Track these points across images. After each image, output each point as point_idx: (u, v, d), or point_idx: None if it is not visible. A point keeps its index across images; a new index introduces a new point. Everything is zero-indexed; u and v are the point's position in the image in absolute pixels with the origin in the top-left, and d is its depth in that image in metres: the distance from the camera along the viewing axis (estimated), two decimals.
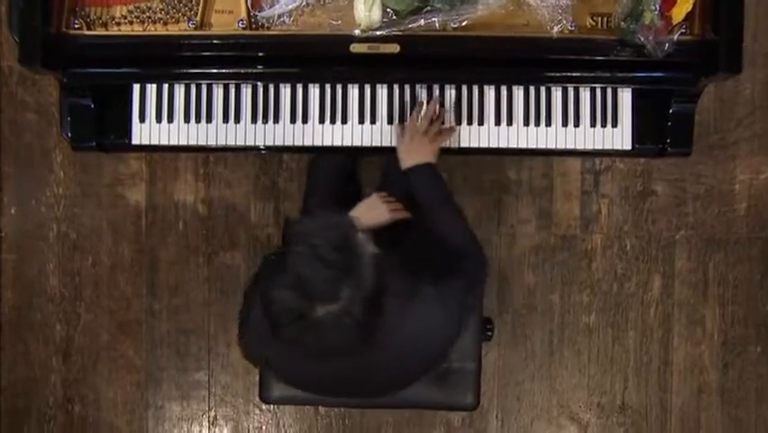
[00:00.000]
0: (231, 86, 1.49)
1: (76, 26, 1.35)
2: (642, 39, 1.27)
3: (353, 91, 1.51)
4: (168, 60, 1.38)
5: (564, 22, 1.32)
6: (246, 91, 1.50)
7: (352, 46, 1.33)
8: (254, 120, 1.50)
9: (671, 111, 1.44)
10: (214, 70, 1.40)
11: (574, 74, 1.44)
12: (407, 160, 1.39)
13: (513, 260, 2.05)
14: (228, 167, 2.03)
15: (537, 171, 2.06)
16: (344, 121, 1.51)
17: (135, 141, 1.48)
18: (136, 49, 1.36)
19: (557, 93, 1.52)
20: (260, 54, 1.39)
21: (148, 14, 1.35)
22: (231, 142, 1.50)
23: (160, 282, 2.01)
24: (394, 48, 1.34)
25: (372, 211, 1.39)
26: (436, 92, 1.51)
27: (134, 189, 2.02)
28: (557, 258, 2.05)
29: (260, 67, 1.41)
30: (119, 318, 2.02)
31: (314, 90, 1.50)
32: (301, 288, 0.96)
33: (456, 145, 1.54)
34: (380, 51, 1.34)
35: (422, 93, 1.51)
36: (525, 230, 2.05)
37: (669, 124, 1.45)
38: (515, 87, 1.51)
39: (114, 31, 1.35)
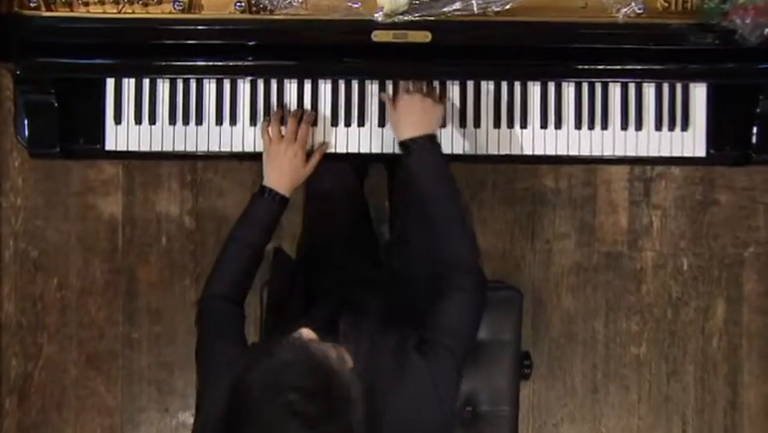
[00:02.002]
0: (225, 81, 1.39)
1: (32, 5, 1.25)
2: (735, 22, 1.15)
3: (372, 88, 1.40)
4: (149, 50, 1.29)
5: (632, 3, 1.19)
6: (243, 88, 1.40)
7: (373, 34, 1.25)
8: (253, 122, 1.40)
9: (758, 110, 1.32)
10: (206, 63, 1.31)
11: (639, 67, 1.33)
12: (405, 128, 1.26)
13: (549, 281, 1.99)
14: (219, 173, 1.96)
15: (578, 179, 2.00)
16: (361, 123, 1.41)
17: (109, 146, 1.40)
18: (109, 35, 1.27)
19: (615, 90, 1.41)
20: (262, 43, 1.29)
21: None
22: (225, 148, 1.40)
23: (139, 308, 1.96)
24: (424, 36, 1.25)
25: (277, 161, 1.28)
26: (470, 89, 1.41)
27: (109, 199, 1.98)
28: (601, 279, 1.99)
29: (260, 59, 1.32)
30: (89, 350, 1.97)
31: (325, 87, 1.40)
32: None
33: (496, 151, 1.43)
34: (408, 41, 1.25)
35: (453, 90, 1.41)
36: (563, 246, 2.00)
37: (755, 126, 1.34)
38: (564, 84, 1.41)
39: (80, 12, 1.26)
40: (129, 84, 1.39)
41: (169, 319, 1.96)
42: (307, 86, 1.40)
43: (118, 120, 1.40)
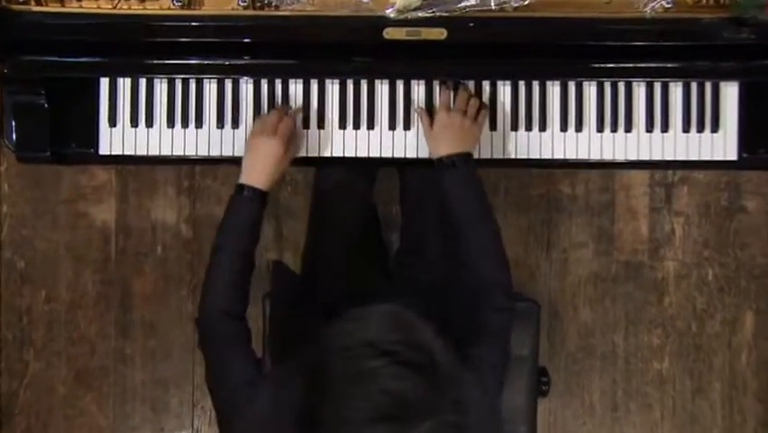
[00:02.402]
0: (227, 81, 1.36)
1: None
2: None
3: (382, 88, 1.38)
4: (146, 48, 1.27)
5: None
6: (246, 88, 1.37)
7: (385, 31, 1.23)
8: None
9: None
10: (207, 62, 1.30)
11: (667, 65, 1.31)
12: (442, 145, 1.28)
13: (566, 292, 1.97)
14: (218, 179, 1.93)
15: (595, 184, 1.98)
16: (371, 126, 1.39)
17: (103, 150, 1.37)
18: (103, 32, 1.24)
19: (640, 90, 1.38)
20: (266, 41, 1.27)
21: None
22: (227, 153, 1.38)
23: (132, 321, 1.93)
24: (439, 33, 1.23)
25: (256, 153, 1.26)
26: (486, 90, 1.39)
27: (101, 206, 1.96)
28: (620, 290, 1.97)
29: (264, 57, 1.30)
30: (79, 367, 1.94)
31: (332, 88, 1.37)
32: (396, 413, 0.82)
33: (513, 155, 1.41)
34: (422, 38, 1.23)
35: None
36: (580, 256, 1.97)
37: None
38: (586, 84, 1.38)
39: (72, 7, 1.23)
40: (124, 84, 1.37)
41: (164, 333, 1.94)
42: (314, 86, 1.37)
43: (113, 122, 1.37)
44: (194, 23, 1.24)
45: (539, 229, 1.97)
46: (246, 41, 1.26)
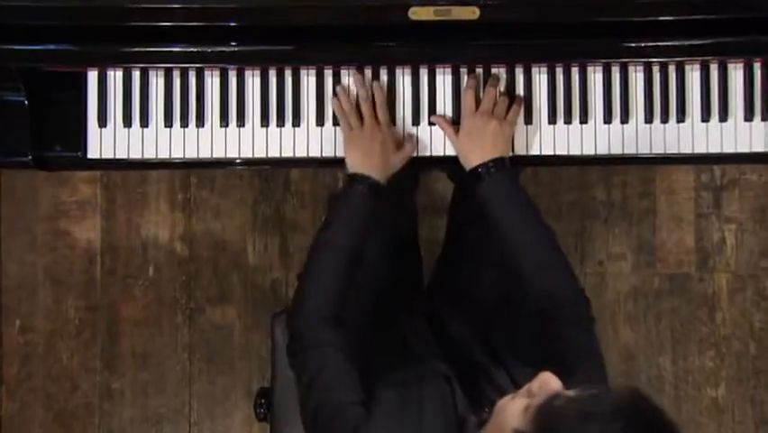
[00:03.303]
0: (231, 72, 1.34)
1: None
2: None
3: (404, 79, 1.35)
4: (138, 34, 1.25)
5: None
6: (253, 81, 1.34)
7: (411, 11, 1.20)
8: (265, 122, 1.35)
9: None
10: (208, 49, 1.27)
11: (727, 39, 1.27)
12: (472, 155, 1.27)
13: (604, 309, 1.95)
14: (216, 190, 1.93)
15: (633, 189, 1.97)
16: (393, 121, 1.34)
17: (92, 153, 1.35)
18: (89, 16, 1.22)
19: (693, 73, 1.35)
20: (275, 25, 1.25)
21: None
22: (232, 154, 1.35)
23: (121, 352, 1.94)
24: (471, 12, 1.20)
25: (364, 145, 1.27)
26: (520, 78, 1.35)
27: (85, 224, 1.95)
28: (665, 306, 1.95)
29: (273, 43, 1.28)
30: (59, 406, 1.93)
31: (349, 78, 1.34)
32: None
33: (551, 152, 1.37)
34: (452, 18, 1.21)
35: (500, 82, 1.35)
36: (619, 269, 1.96)
37: None
38: (631, 68, 1.35)
39: None
40: (115, 78, 1.33)
41: (157, 364, 1.92)
42: (328, 78, 1.34)
43: (102, 122, 1.34)
44: (193, 6, 1.21)
45: (572, 240, 1.95)
46: (252, 24, 1.23)
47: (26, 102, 1.30)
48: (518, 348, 1.17)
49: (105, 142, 1.34)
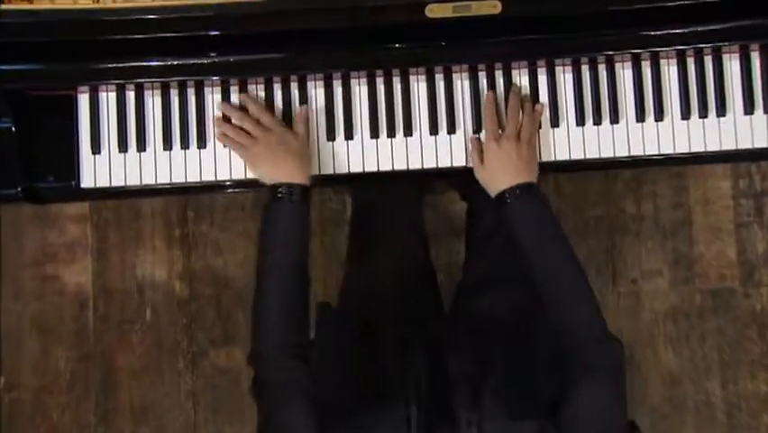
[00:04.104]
0: (232, 88, 1.34)
1: None
2: None
3: (419, 87, 1.35)
4: (133, 49, 1.26)
5: None
6: (257, 95, 1.34)
7: (428, 8, 1.21)
8: None
9: None
10: (205, 60, 1.28)
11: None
12: (499, 180, 1.27)
13: (641, 331, 1.95)
14: (215, 224, 1.94)
15: (665, 200, 1.98)
16: (408, 132, 1.35)
17: (87, 183, 1.35)
18: (79, 29, 1.23)
19: (731, 63, 1.34)
20: (277, 30, 1.25)
21: None
22: (237, 175, 1.35)
23: (118, 405, 1.93)
24: (492, 7, 1.21)
25: (266, 155, 1.28)
26: (544, 79, 1.36)
27: (74, 267, 1.95)
28: (709, 325, 1.94)
29: (275, 51, 1.28)
30: None
31: (359, 88, 1.35)
32: None
33: (581, 156, 1.36)
34: (472, 14, 1.22)
35: (521, 79, 1.36)
36: (655, 286, 1.96)
37: None
38: (663, 61, 1.35)
39: (41, 4, 1.22)
40: (108, 100, 1.34)
41: (158, 417, 1.91)
42: (338, 89, 1.34)
43: (96, 148, 1.34)
44: (191, 16, 1.22)
45: (602, 258, 1.95)
46: (257, 31, 1.24)
47: (14, 128, 1.30)
48: (514, 398, 1.15)
49: (99, 169, 1.34)
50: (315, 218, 1.92)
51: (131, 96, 1.33)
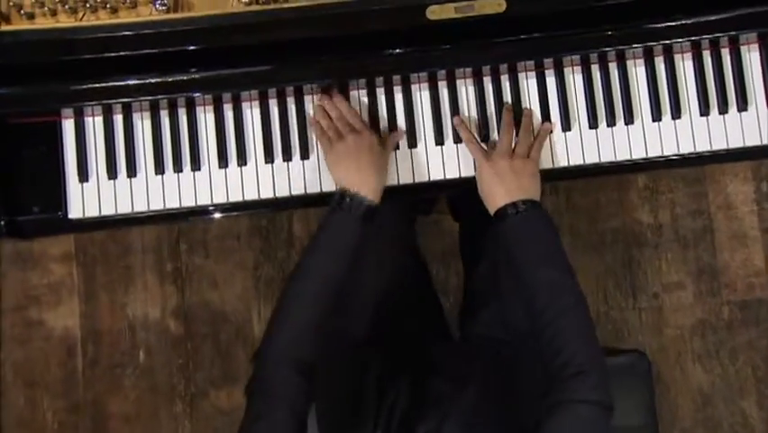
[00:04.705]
0: (226, 106, 1.35)
1: None
2: None
3: (421, 95, 1.36)
4: (121, 69, 1.26)
5: None
6: (252, 112, 1.36)
7: (429, 10, 1.23)
8: (269, 158, 1.35)
9: None
10: (196, 75, 1.28)
11: None
12: (497, 196, 1.27)
13: (667, 350, 1.94)
14: (210, 256, 1.93)
15: (684, 208, 1.98)
16: (413, 144, 1.36)
17: (75, 213, 1.35)
18: (64, 49, 1.23)
19: (750, 54, 1.35)
20: (276, 41, 1.26)
21: None
22: (235, 197, 1.35)
23: None
24: (497, 5, 1.23)
25: (351, 155, 1.28)
26: (552, 80, 1.36)
27: (60, 310, 1.94)
28: (739, 339, 1.94)
29: (270, 62, 1.28)
30: None
31: (359, 95, 1.35)
32: None
33: (596, 160, 1.37)
34: (475, 14, 1.23)
35: (529, 87, 1.37)
36: (678, 300, 1.95)
37: None
38: (678, 55, 1.36)
39: (23, 25, 1.24)
40: (95, 125, 1.35)
41: None
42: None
43: (84, 176, 1.35)
44: (185, 28, 1.23)
45: (619, 272, 1.95)
46: (250, 43, 1.25)
47: None
48: (482, 423, 1.16)
49: (88, 198, 1.34)
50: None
51: (118, 119, 1.34)
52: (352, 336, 1.37)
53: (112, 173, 1.34)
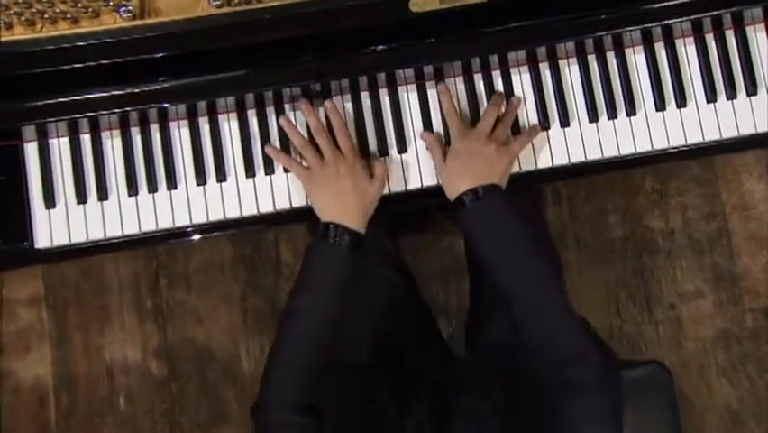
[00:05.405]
0: (201, 120, 1.35)
1: None
2: None
3: (409, 97, 1.36)
4: (86, 82, 1.26)
5: None
6: (230, 125, 1.36)
7: (412, 2, 1.23)
8: (251, 172, 1.35)
9: None
10: (167, 84, 1.27)
11: None
12: (458, 181, 1.28)
13: (688, 364, 1.93)
14: (193, 289, 1.93)
15: (696, 210, 1.99)
16: (402, 149, 1.36)
17: (42, 243, 1.34)
18: (23, 63, 1.23)
19: (757, 35, 1.36)
20: (253, 44, 1.25)
21: (41, 8, 1.22)
22: (216, 216, 1.34)
23: None
24: None
25: (331, 185, 1.28)
26: (547, 72, 1.37)
27: (30, 358, 1.92)
28: (766, 349, 1.94)
29: (245, 68, 1.28)
30: None
31: (343, 101, 1.36)
32: None
33: (598, 156, 1.37)
34: (462, 3, 1.23)
35: (523, 82, 1.37)
36: (697, 310, 1.95)
37: None
38: (679, 40, 1.37)
39: None
40: (60, 146, 1.34)
41: None
42: (321, 112, 1.35)
43: (50, 202, 1.34)
44: (153, 35, 1.23)
45: (632, 283, 1.95)
46: (224, 46, 1.24)
47: None
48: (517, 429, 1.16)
49: (56, 225, 1.33)
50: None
51: (85, 139, 1.34)
52: (355, 364, 1.36)
53: (81, 197, 1.33)
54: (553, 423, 1.10)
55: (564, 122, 1.36)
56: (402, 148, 1.35)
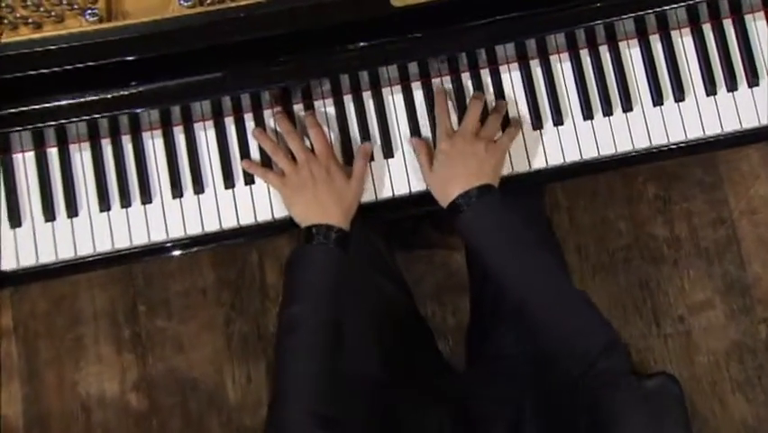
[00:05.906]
0: (175, 129, 1.35)
1: None
2: None
3: (394, 99, 1.37)
4: (51, 89, 1.25)
5: None
6: (206, 134, 1.36)
7: None
8: (230, 182, 1.35)
9: None
10: (138, 89, 1.26)
11: None
12: (449, 185, 1.29)
13: (701, 379, 1.94)
14: (174, 315, 1.92)
15: (703, 216, 1.99)
16: (389, 154, 1.36)
17: (7, 264, 1.34)
18: None
19: (756, 24, 1.38)
20: (227, 45, 1.25)
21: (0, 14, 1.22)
22: (193, 230, 1.35)
23: None
24: None
25: (307, 192, 1.30)
26: (537, 69, 1.38)
27: None
28: None
29: (223, 72, 1.28)
30: None
31: (325, 106, 1.36)
32: None
33: (594, 155, 1.37)
34: None
35: (513, 81, 1.38)
36: (707, 321, 1.95)
37: None
38: (675, 32, 1.38)
39: None
40: (25, 161, 1.34)
41: None
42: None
43: (16, 221, 1.34)
44: (121, 38, 1.23)
45: (638, 295, 1.95)
46: (197, 49, 1.24)
47: None
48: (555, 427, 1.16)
49: (22, 245, 1.33)
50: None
51: (52, 152, 1.34)
52: (370, 380, 1.36)
53: (49, 214, 1.33)
54: (597, 420, 1.10)
55: (558, 120, 1.37)
56: (388, 153, 1.35)
